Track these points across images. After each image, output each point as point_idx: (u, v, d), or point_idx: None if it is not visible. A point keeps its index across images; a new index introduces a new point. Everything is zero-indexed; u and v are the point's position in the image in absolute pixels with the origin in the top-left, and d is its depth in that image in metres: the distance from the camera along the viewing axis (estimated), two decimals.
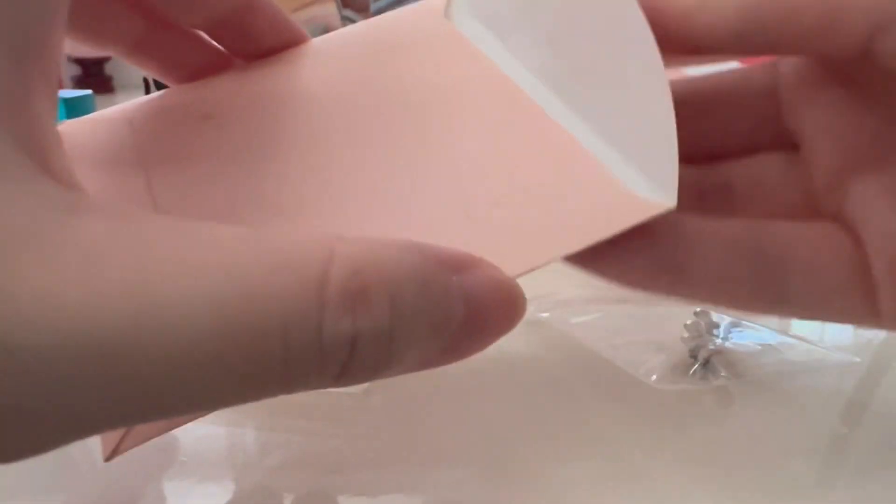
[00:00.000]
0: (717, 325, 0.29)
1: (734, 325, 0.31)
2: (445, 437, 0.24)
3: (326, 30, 0.57)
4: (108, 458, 0.17)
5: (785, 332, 0.32)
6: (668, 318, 0.31)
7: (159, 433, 0.17)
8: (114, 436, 0.17)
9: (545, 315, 0.32)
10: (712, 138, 0.21)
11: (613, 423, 0.25)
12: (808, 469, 0.23)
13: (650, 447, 0.24)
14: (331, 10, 0.57)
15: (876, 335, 0.33)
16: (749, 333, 0.31)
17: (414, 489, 0.22)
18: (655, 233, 0.18)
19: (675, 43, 0.18)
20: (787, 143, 0.21)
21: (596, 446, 0.24)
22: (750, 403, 0.26)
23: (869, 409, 0.27)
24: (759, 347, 0.30)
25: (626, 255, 0.18)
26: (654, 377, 0.28)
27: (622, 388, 0.27)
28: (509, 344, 0.31)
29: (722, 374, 0.28)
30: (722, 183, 0.21)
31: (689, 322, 0.29)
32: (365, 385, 0.26)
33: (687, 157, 0.18)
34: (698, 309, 0.29)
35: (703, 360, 0.28)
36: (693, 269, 0.18)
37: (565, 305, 0.33)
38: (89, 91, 0.71)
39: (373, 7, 0.60)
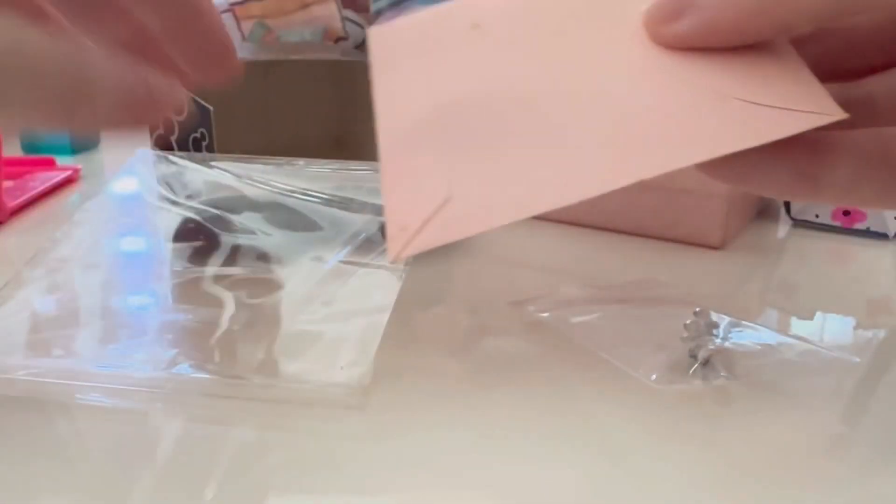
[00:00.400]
0: (716, 325, 0.29)
1: (734, 325, 0.31)
2: (445, 438, 0.24)
3: (326, 30, 0.57)
4: (393, 259, 0.18)
5: (784, 332, 0.32)
6: (668, 318, 0.31)
7: (441, 241, 0.19)
8: (401, 238, 0.18)
9: (545, 315, 0.32)
10: (854, 57, 0.23)
11: (613, 422, 0.25)
12: (808, 469, 0.23)
13: (650, 447, 0.24)
14: (331, 11, 0.57)
15: (876, 335, 0.33)
16: (749, 333, 0.31)
17: (413, 489, 0.22)
18: (796, 146, 0.19)
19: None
20: None
21: (596, 446, 0.24)
22: (750, 403, 0.26)
23: (869, 409, 0.27)
24: (759, 347, 0.30)
25: (768, 166, 0.20)
26: (654, 377, 0.28)
27: (622, 388, 0.27)
28: (509, 344, 0.31)
29: (722, 374, 0.28)
30: (864, 95, 0.22)
31: (688, 322, 0.29)
32: (365, 385, 0.26)
33: (832, 75, 0.21)
34: (698, 309, 0.29)
35: (703, 359, 0.28)
36: (825, 178, 0.20)
37: (565, 305, 0.33)
38: None
39: (373, 7, 0.60)
